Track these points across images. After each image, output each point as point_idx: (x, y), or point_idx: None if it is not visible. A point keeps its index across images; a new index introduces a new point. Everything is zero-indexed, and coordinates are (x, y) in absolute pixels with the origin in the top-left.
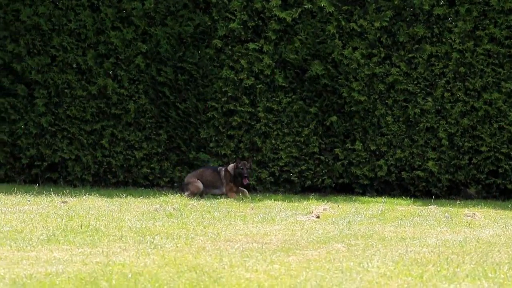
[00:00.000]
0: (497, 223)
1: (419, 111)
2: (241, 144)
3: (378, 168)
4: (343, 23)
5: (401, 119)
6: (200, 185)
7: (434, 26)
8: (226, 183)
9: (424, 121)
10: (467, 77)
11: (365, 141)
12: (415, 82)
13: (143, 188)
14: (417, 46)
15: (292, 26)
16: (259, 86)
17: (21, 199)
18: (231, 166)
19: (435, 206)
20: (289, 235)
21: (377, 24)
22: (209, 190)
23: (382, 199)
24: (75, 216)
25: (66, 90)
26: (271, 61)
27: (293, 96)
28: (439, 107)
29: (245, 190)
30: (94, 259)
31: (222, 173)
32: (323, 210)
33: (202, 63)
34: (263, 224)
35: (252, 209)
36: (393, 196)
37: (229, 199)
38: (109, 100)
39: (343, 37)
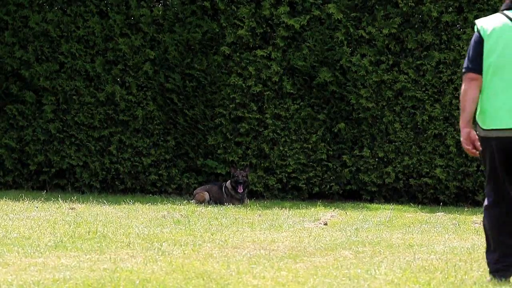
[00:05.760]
0: None
1: (427, 118)
2: (248, 151)
3: (386, 175)
4: (351, 30)
5: (409, 126)
6: (206, 195)
7: (443, 33)
8: (229, 198)
9: (432, 128)
10: None
11: (373, 148)
12: (423, 89)
13: (150, 195)
14: (425, 53)
15: (301, 33)
16: (267, 93)
17: (28, 205)
18: (229, 181)
19: (443, 213)
20: (296, 242)
21: (385, 31)
22: (216, 205)
23: (390, 206)
24: (82, 223)
25: (74, 97)
26: (279, 68)
27: (301, 103)
28: (447, 114)
29: (246, 201)
30: (102, 266)
31: (223, 188)
32: (331, 217)
33: (210, 70)
34: (271, 231)
35: (260, 216)
36: (401, 203)
37: (235, 206)
38: (117, 106)
39: (351, 44)
